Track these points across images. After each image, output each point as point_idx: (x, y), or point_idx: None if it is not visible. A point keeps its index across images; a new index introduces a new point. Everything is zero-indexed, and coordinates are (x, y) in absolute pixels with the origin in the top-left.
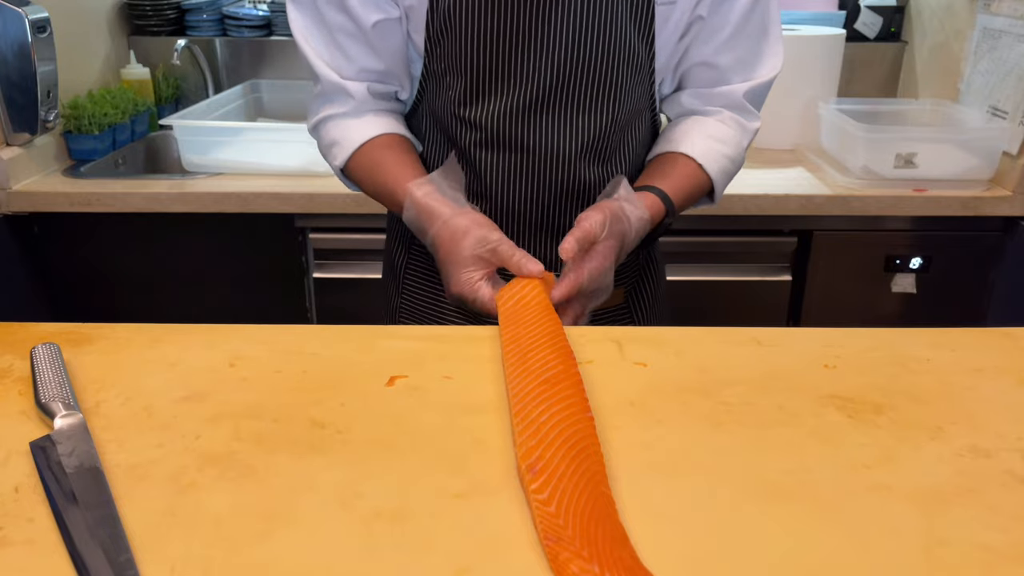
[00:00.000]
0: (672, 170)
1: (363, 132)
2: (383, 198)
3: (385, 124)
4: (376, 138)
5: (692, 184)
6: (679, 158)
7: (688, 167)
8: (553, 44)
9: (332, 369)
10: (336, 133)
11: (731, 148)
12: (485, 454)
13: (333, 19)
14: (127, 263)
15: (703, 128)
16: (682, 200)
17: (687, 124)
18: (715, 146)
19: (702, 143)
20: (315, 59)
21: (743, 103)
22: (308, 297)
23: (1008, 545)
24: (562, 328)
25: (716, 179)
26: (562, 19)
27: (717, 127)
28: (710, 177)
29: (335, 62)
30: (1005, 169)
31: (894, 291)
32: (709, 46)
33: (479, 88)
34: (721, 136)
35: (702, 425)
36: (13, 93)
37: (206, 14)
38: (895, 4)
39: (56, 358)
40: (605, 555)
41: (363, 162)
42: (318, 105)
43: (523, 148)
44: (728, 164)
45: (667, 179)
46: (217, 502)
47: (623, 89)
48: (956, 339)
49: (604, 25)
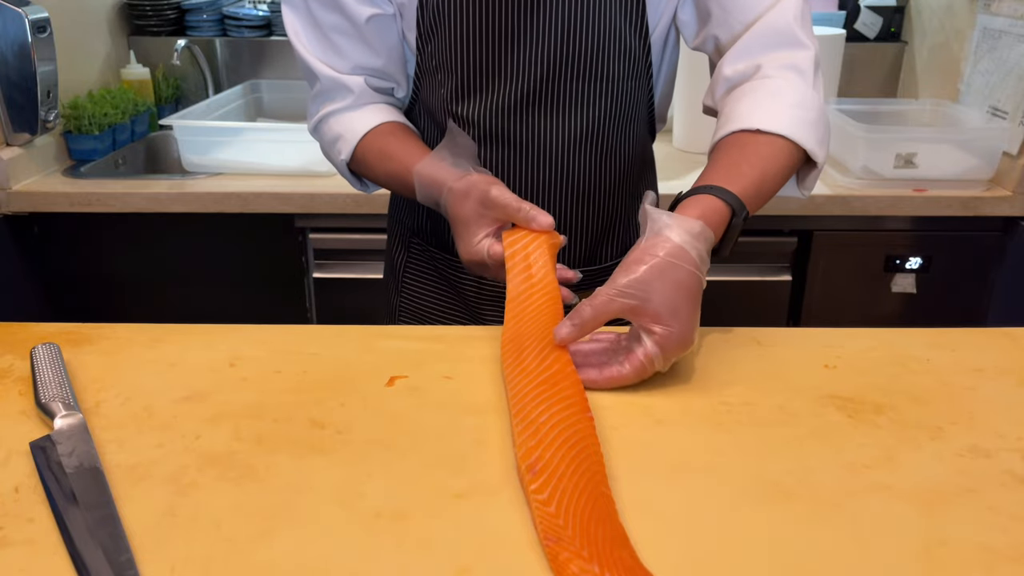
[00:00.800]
0: (726, 156)
1: (365, 122)
2: (393, 183)
3: (386, 113)
4: (379, 126)
5: (760, 160)
6: (733, 139)
7: (746, 143)
8: (542, 39)
9: (332, 369)
10: (338, 127)
11: (790, 94)
12: (485, 454)
13: (326, 18)
14: (127, 263)
15: (743, 96)
16: (753, 185)
17: (727, 105)
18: (768, 103)
19: (749, 109)
20: (310, 58)
21: (786, 27)
22: (308, 297)
23: (1008, 545)
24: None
25: (791, 133)
26: (550, 14)
27: (760, 85)
28: (783, 136)
29: (331, 60)
30: (1005, 169)
31: (894, 291)
32: None
33: (470, 85)
34: (771, 90)
35: (702, 425)
36: (13, 93)
37: (206, 14)
38: (895, 4)
39: (56, 358)
40: (605, 555)
41: (370, 150)
42: (317, 104)
43: (517, 143)
44: (797, 112)
45: (721, 169)
46: (217, 502)
47: (615, 82)
48: (956, 339)
49: (593, 19)
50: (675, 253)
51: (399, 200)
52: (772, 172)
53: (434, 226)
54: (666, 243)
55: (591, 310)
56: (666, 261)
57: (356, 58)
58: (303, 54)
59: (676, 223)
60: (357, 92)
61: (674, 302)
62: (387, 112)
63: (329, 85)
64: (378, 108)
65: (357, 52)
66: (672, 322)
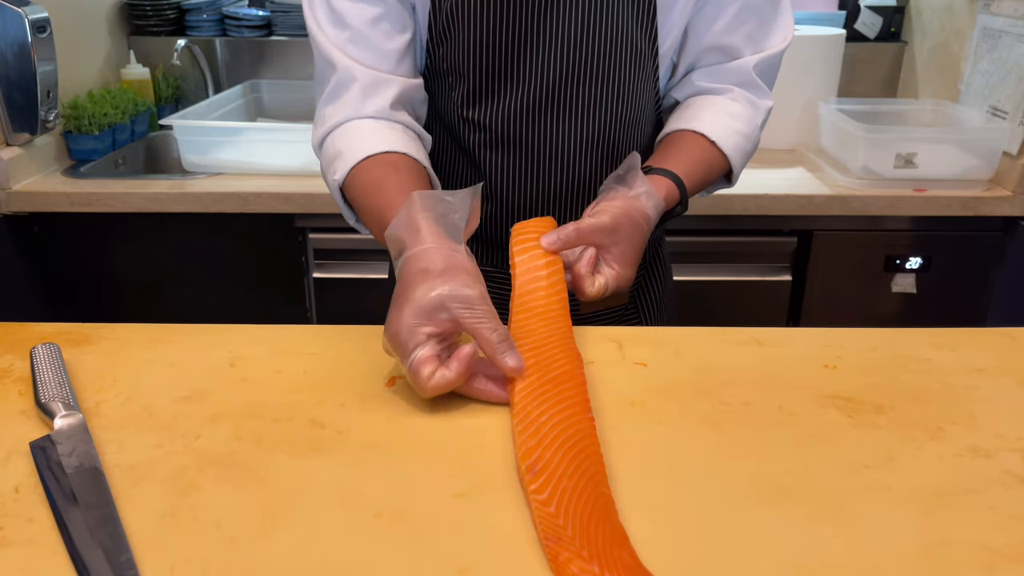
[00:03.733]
0: (686, 150)
1: (372, 144)
2: (374, 218)
3: (399, 140)
4: (385, 154)
5: (705, 164)
6: (691, 136)
7: (701, 146)
8: (555, 44)
9: (332, 369)
10: (342, 143)
11: (744, 124)
12: (485, 454)
13: (349, 8)
14: (127, 263)
15: (714, 105)
16: (696, 183)
17: (697, 103)
18: (728, 122)
19: (713, 119)
20: (328, 46)
21: (754, 78)
22: (308, 297)
23: (1008, 545)
24: (570, 327)
25: (732, 156)
26: (564, 19)
27: (728, 104)
28: (725, 155)
29: (352, 51)
30: (1005, 169)
31: (894, 291)
32: (718, 24)
33: (483, 89)
34: (733, 112)
35: (702, 425)
36: (13, 93)
37: (206, 14)
38: (895, 4)
39: (56, 358)
40: (605, 555)
41: (366, 177)
42: (329, 106)
43: (529, 148)
44: (742, 141)
45: (681, 160)
46: (217, 502)
47: (627, 87)
48: (956, 339)
49: (606, 23)
50: (644, 219)
51: None
52: (708, 178)
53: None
54: (641, 209)
55: (576, 233)
56: (635, 222)
57: (378, 46)
58: (322, 42)
59: (651, 197)
60: (368, 81)
61: (637, 251)
62: (400, 139)
63: (345, 76)
64: (391, 130)
65: (377, 42)
66: (630, 265)
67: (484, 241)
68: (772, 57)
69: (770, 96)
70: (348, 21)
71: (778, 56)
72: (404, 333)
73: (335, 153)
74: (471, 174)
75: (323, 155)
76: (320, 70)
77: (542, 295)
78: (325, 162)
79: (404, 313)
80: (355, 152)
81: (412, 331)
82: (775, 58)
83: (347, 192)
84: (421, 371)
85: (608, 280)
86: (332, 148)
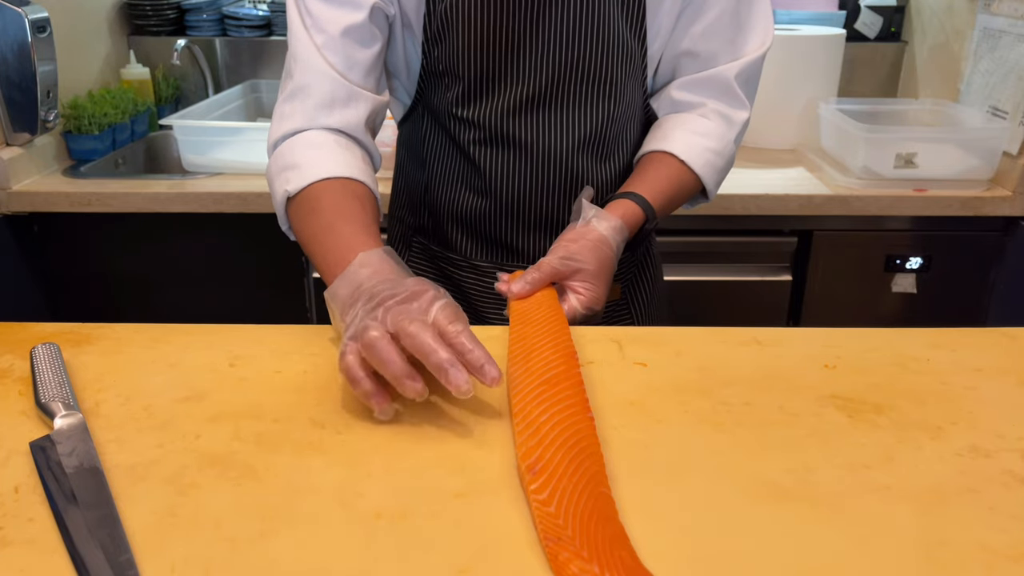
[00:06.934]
0: (653, 171)
1: (330, 167)
2: (324, 242)
3: (358, 168)
4: (345, 180)
5: (675, 183)
6: (661, 157)
7: (670, 165)
8: (548, 43)
9: (332, 369)
10: (300, 156)
11: (715, 141)
12: (485, 454)
13: (326, 12)
14: (127, 263)
15: (685, 124)
16: (664, 201)
17: (669, 123)
18: (697, 140)
19: (683, 138)
20: (306, 41)
21: (734, 88)
22: (308, 297)
23: (1008, 545)
24: (568, 329)
25: (702, 174)
26: (556, 19)
27: (698, 122)
28: (696, 173)
29: (329, 56)
30: (1005, 169)
31: (894, 291)
32: (696, 27)
33: (477, 88)
34: (703, 130)
35: (702, 425)
36: (13, 93)
37: (206, 14)
38: (895, 4)
39: (56, 358)
40: (605, 555)
41: (321, 199)
42: (290, 104)
43: (522, 145)
44: (713, 157)
45: (646, 182)
46: (217, 502)
47: (617, 85)
48: (956, 339)
49: (597, 23)
50: (600, 239)
51: (400, 199)
52: (681, 195)
53: (435, 225)
54: (593, 232)
55: (539, 273)
56: (594, 243)
57: (349, 55)
58: (301, 36)
59: (602, 217)
60: (337, 76)
61: (599, 272)
62: (359, 167)
63: (315, 78)
64: (352, 155)
65: (349, 51)
66: (596, 286)
67: (479, 236)
68: (751, 64)
69: (748, 107)
70: (323, 26)
71: (758, 63)
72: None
73: (291, 163)
74: (467, 171)
75: (276, 158)
76: (289, 65)
77: (534, 302)
78: (276, 167)
79: (367, 313)
80: (315, 169)
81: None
82: (755, 65)
83: (294, 207)
84: (357, 379)
85: (576, 305)
86: (289, 155)
